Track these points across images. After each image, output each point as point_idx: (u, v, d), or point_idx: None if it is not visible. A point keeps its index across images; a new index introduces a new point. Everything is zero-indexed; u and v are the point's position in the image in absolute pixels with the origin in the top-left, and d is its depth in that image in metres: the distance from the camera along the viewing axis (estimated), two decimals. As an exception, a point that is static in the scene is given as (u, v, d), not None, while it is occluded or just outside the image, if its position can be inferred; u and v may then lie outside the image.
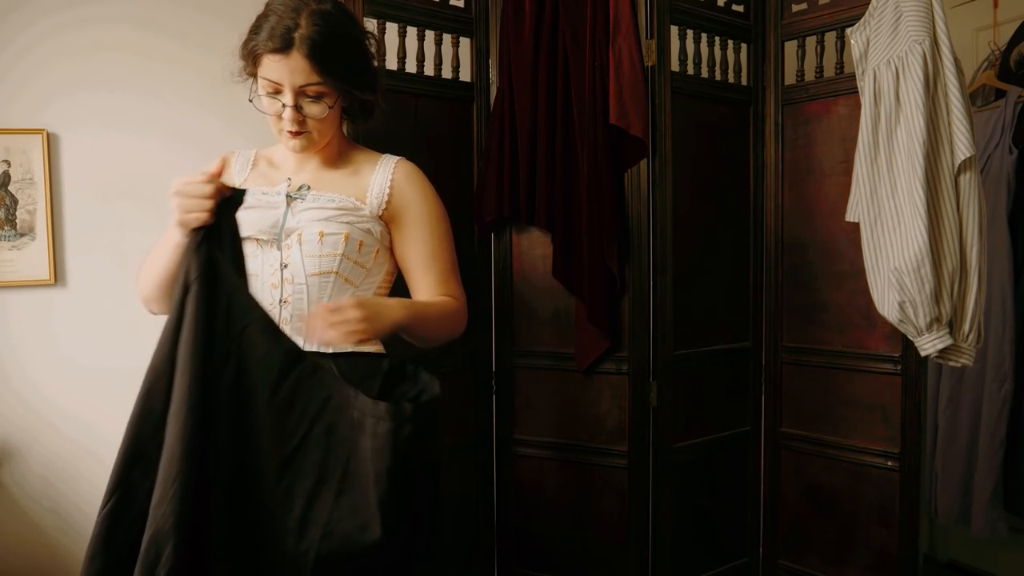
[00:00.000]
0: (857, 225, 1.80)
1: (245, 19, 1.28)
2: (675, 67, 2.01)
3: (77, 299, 2.22)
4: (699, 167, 2.07)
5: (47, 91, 2.16)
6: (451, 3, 2.04)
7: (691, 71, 2.07)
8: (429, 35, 2.02)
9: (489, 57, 2.10)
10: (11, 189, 2.14)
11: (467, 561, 2.14)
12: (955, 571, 2.52)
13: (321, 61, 1.21)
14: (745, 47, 2.16)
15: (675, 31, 2.01)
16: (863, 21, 1.79)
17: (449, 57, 2.06)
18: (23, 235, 2.16)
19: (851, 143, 1.91)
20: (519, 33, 2.00)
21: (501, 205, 2.00)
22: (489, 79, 2.10)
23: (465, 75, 2.10)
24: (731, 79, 2.15)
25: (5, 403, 2.16)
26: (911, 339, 1.74)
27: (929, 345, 1.69)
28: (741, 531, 2.23)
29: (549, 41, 1.98)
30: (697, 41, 2.07)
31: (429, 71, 2.02)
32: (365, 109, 1.40)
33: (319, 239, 1.28)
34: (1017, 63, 2.27)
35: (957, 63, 1.65)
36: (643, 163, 1.94)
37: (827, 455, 2.08)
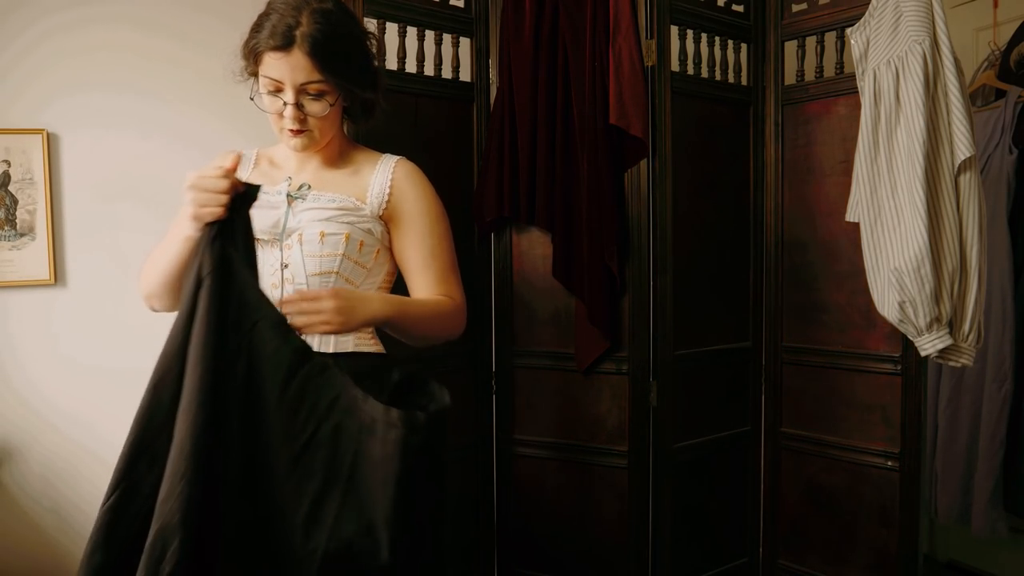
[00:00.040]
0: (857, 225, 1.80)
1: (245, 19, 1.28)
2: (675, 67, 2.01)
3: (77, 299, 2.22)
4: (699, 167, 2.07)
5: (47, 91, 2.17)
6: (451, 3, 2.04)
7: (691, 71, 2.07)
8: (429, 35, 2.02)
9: (489, 57, 2.10)
10: (11, 189, 2.14)
11: (467, 561, 2.14)
12: (955, 571, 2.52)
13: (322, 59, 1.22)
14: (745, 47, 2.16)
15: (675, 31, 2.01)
16: (863, 21, 1.79)
17: (449, 57, 2.06)
18: (23, 235, 2.16)
19: (851, 143, 1.91)
20: (519, 33, 2.01)
21: (501, 205, 2.00)
22: (489, 79, 2.10)
23: (465, 75, 2.10)
24: (731, 79, 2.15)
25: (5, 403, 2.16)
26: (911, 339, 1.74)
27: (929, 345, 1.69)
28: (741, 531, 2.23)
29: (549, 41, 1.98)
30: (697, 41, 2.07)
31: (429, 71, 2.02)
32: (366, 108, 1.40)
33: (320, 239, 1.28)
34: (1017, 63, 2.27)
35: (957, 63, 1.65)
36: (643, 163, 1.94)
37: (827, 455, 2.08)
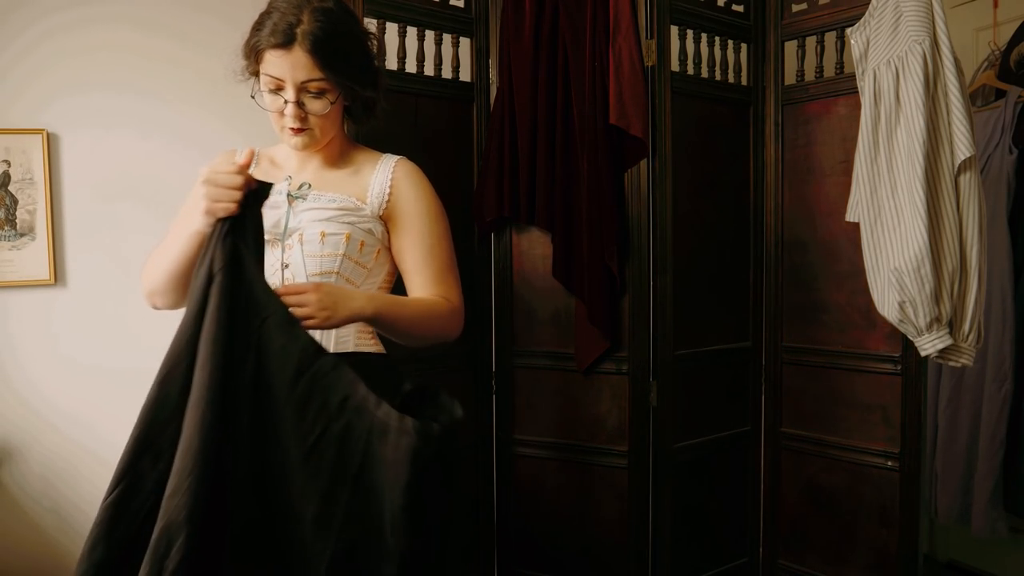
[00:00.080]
0: (857, 225, 1.80)
1: (245, 19, 1.28)
2: (675, 67, 2.01)
3: (77, 299, 2.22)
4: (699, 167, 2.07)
5: (47, 91, 2.16)
6: (451, 3, 2.04)
7: (691, 71, 2.07)
8: (429, 35, 2.02)
9: (489, 57, 2.10)
10: (11, 189, 2.14)
11: (467, 561, 2.14)
12: (955, 571, 2.52)
13: (323, 56, 1.22)
14: (745, 47, 2.16)
15: (675, 31, 2.01)
16: (863, 21, 1.79)
17: (449, 57, 2.06)
18: (23, 235, 2.16)
19: (851, 143, 1.91)
20: (519, 33, 2.01)
21: (501, 205, 2.00)
22: (489, 79, 2.10)
23: (465, 75, 2.10)
24: (731, 79, 2.15)
25: (5, 403, 2.16)
26: (911, 339, 1.74)
27: (929, 345, 1.69)
28: (741, 531, 2.23)
29: (549, 41, 1.98)
30: (697, 41, 2.07)
31: (429, 71, 2.02)
32: (367, 107, 1.39)
33: (320, 239, 1.28)
34: (1017, 63, 2.27)
35: (957, 63, 1.65)
36: (643, 163, 1.94)
37: (827, 455, 2.08)
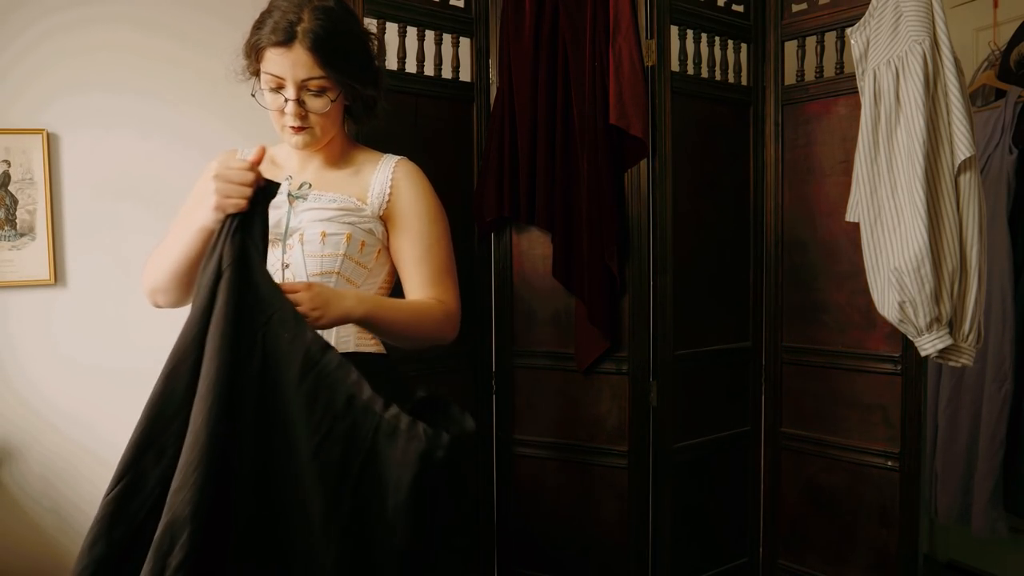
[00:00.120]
0: (857, 225, 1.80)
1: (245, 19, 1.28)
2: (675, 67, 2.01)
3: (77, 299, 2.22)
4: (699, 167, 2.07)
5: (47, 91, 2.17)
6: (451, 3, 2.04)
7: (691, 71, 2.07)
8: (429, 35, 2.02)
9: (489, 57, 2.10)
10: (11, 189, 2.14)
11: (467, 561, 2.14)
12: (955, 571, 2.52)
13: (323, 54, 1.22)
14: (745, 47, 2.16)
15: (675, 31, 2.01)
16: (863, 21, 1.79)
17: (449, 57, 2.06)
18: (23, 235, 2.16)
19: (851, 143, 1.91)
20: (519, 33, 2.01)
21: (501, 205, 2.00)
22: (489, 79, 2.10)
23: (465, 75, 2.10)
24: (731, 79, 2.15)
25: (5, 403, 2.16)
26: (911, 339, 1.74)
27: (929, 345, 1.69)
28: (741, 531, 2.23)
29: (549, 41, 1.98)
30: (697, 41, 2.07)
31: (429, 71, 2.02)
32: (367, 107, 1.39)
33: (321, 239, 1.28)
34: (1017, 63, 2.27)
35: (957, 63, 1.65)
36: (643, 163, 1.94)
37: (827, 455, 2.08)
